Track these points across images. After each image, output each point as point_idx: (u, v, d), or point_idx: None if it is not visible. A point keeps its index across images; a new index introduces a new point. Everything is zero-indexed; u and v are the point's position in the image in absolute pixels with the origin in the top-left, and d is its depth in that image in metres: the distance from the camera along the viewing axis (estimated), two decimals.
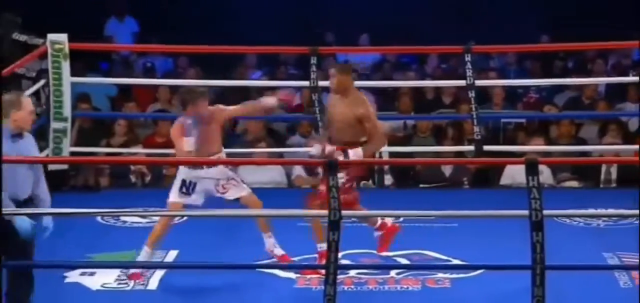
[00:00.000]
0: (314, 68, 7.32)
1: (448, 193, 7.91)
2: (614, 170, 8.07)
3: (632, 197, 5.75)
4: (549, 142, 8.47)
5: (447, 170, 8.23)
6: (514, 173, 7.93)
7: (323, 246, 5.53)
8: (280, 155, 8.42)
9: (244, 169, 8.27)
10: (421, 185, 8.28)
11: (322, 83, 7.92)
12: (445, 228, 6.52)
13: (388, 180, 8.37)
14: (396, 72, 10.33)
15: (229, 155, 7.82)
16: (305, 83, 7.58)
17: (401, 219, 6.56)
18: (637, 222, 6.51)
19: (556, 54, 10.46)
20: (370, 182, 8.26)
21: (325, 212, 4.77)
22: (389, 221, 5.90)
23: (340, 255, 4.93)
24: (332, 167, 4.72)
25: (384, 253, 5.99)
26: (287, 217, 5.90)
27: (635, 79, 9.43)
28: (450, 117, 9.11)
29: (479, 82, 7.65)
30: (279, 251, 5.80)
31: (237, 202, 5.84)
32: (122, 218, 6.88)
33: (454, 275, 5.73)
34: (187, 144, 5.77)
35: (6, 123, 4.79)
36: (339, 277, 4.92)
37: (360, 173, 5.82)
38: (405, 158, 8.01)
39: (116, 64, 10.70)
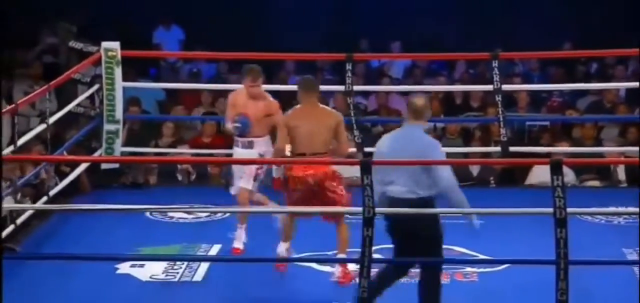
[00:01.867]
0: (349, 73, 7.30)
1: (475, 191, 7.83)
2: (621, 171, 7.99)
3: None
4: (573, 143, 8.39)
5: (474, 169, 8.19)
6: (539, 174, 7.87)
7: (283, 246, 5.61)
8: None
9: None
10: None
11: (357, 87, 7.92)
12: (467, 225, 6.46)
13: None
14: (426, 77, 10.28)
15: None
16: (341, 87, 7.56)
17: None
18: None
19: (578, 59, 10.35)
20: None
21: (356, 208, 4.75)
22: None
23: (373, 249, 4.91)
24: (366, 166, 4.70)
25: None
26: (324, 213, 5.86)
27: None
28: (478, 120, 9.05)
29: (505, 87, 7.58)
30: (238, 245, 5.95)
31: None
32: (169, 214, 6.92)
33: (481, 269, 5.69)
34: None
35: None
36: (372, 270, 4.89)
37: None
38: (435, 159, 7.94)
39: (164, 70, 10.76)
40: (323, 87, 9.35)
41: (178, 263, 5.86)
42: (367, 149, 7.36)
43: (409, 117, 4.90)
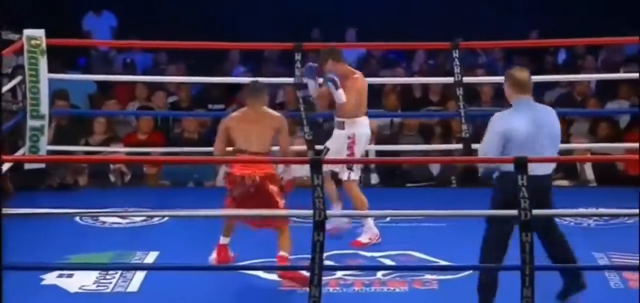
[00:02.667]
0: (298, 65, 7.31)
1: (436, 192, 7.93)
2: (589, 170, 8.13)
3: (615, 196, 5.79)
4: None
5: (434, 168, 8.26)
6: None
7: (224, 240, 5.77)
8: None
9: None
10: (408, 184, 8.30)
11: (306, 80, 7.92)
12: (433, 228, 6.54)
13: (374, 179, 8.39)
14: (383, 68, 10.35)
15: (210, 153, 7.84)
16: (290, 80, 7.57)
17: (387, 219, 6.58)
18: (628, 221, 6.61)
19: (546, 49, 10.49)
20: None
21: (308, 211, 4.77)
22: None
23: (325, 256, 4.93)
24: (316, 165, 4.72)
25: (368, 253, 6.03)
26: (271, 216, 5.88)
27: (626, 75, 9.48)
28: (438, 114, 9.13)
29: (467, 79, 7.66)
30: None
31: None
32: (101, 218, 6.86)
33: (442, 276, 5.74)
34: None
35: None
36: (324, 278, 4.91)
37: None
38: (392, 157, 8.03)
39: (94, 60, 10.67)
40: (270, 79, 9.44)
41: (111, 272, 5.83)
42: (318, 146, 7.39)
43: (519, 92, 5.02)
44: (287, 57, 8.33)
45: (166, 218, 6.74)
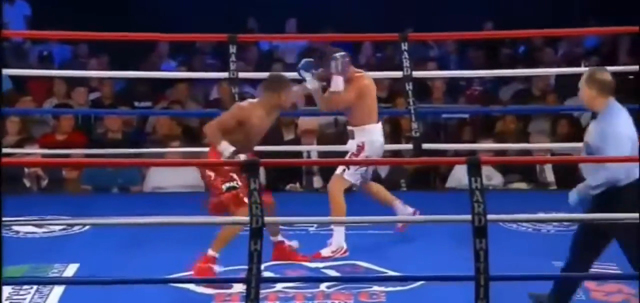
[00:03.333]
0: (233, 58, 7.28)
1: None
2: (549, 172, 8.22)
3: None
4: (496, 139, 8.58)
5: (382, 171, 8.27)
6: (459, 176, 8.01)
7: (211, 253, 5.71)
8: (196, 155, 8.36)
9: (155, 172, 8.22)
10: (355, 188, 8.31)
11: (242, 74, 7.88)
12: (380, 235, 6.55)
13: (317, 182, 8.38)
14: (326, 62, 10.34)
15: (136, 155, 7.79)
16: (224, 74, 7.53)
17: (330, 226, 6.57)
18: None
19: (501, 41, 10.60)
20: (297, 184, 8.26)
21: (245, 218, 4.74)
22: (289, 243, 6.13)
23: (263, 266, 4.91)
24: (252, 167, 4.69)
25: (312, 264, 6.02)
26: (206, 224, 5.84)
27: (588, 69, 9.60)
28: (386, 112, 9.14)
29: (417, 73, 7.69)
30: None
31: None
32: (15, 227, 6.75)
33: (390, 288, 5.74)
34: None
35: None
36: (262, 291, 4.88)
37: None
38: (336, 158, 8.02)
39: (7, 53, 10.50)
40: (203, 74, 9.41)
41: (25, 287, 5.74)
42: (258, 148, 7.37)
43: (607, 95, 5.03)
44: (221, 50, 8.30)
45: (87, 227, 6.66)
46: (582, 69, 9.59)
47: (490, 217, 4.72)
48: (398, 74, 7.52)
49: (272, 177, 8.14)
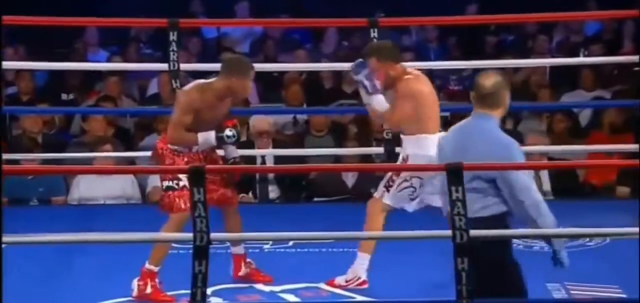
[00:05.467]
0: (173, 46, 7.27)
1: (351, 208, 7.96)
2: (546, 179, 8.28)
3: (573, 210, 5.90)
4: None
5: (349, 179, 8.30)
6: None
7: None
8: (131, 161, 8.34)
9: (83, 180, 8.19)
10: (316, 199, 8.32)
11: (186, 66, 7.88)
12: (347, 253, 6.56)
13: (273, 192, 8.39)
14: (283, 52, 10.37)
15: (60, 161, 7.75)
16: (163, 66, 7.52)
17: (290, 243, 6.58)
18: (589, 243, 6.77)
19: (487, 28, 10.66)
20: (250, 195, 8.26)
21: (188, 235, 4.74)
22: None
23: (209, 291, 4.91)
24: (195, 175, 4.69)
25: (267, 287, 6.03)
26: (143, 241, 5.83)
27: (588, 60, 9.70)
28: (353, 110, 9.18)
29: None
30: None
31: None
32: None
33: None
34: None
35: None
36: None
37: None
38: (295, 165, 8.05)
39: None
40: (139, 66, 9.37)
41: None
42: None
43: (475, 104, 4.87)
44: (160, 37, 8.29)
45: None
46: (581, 60, 9.73)
47: (473, 232, 4.75)
48: None
49: None
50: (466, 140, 4.85)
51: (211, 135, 5.84)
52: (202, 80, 6.02)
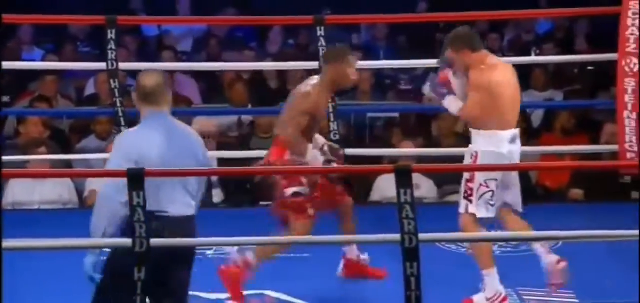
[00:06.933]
0: (112, 45, 7.24)
1: None
2: None
3: (527, 214, 5.94)
4: (431, 142, 8.66)
5: None
6: (385, 186, 8.06)
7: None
8: (68, 164, 8.29)
9: (19, 184, 8.10)
10: (262, 203, 8.31)
11: (124, 65, 7.83)
12: (296, 259, 6.56)
13: (217, 196, 8.37)
14: (227, 50, 10.35)
15: None
16: (102, 65, 7.48)
17: (236, 249, 6.57)
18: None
19: (437, 26, 10.70)
20: None
21: (127, 240, 4.71)
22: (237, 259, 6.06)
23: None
24: (134, 178, 4.66)
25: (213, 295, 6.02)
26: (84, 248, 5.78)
27: (539, 59, 9.76)
28: None
29: None
30: None
31: None
32: None
33: None
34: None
35: None
36: None
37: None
38: (240, 168, 8.03)
39: None
40: (77, 65, 9.30)
41: None
42: None
43: (142, 105, 4.96)
44: (99, 36, 8.24)
45: None
46: (533, 58, 9.79)
47: (422, 236, 4.77)
48: (314, 64, 7.55)
49: None
50: (179, 138, 4.95)
51: (318, 156, 5.91)
52: (314, 79, 6.06)
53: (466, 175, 5.88)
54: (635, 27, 7.32)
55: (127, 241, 4.74)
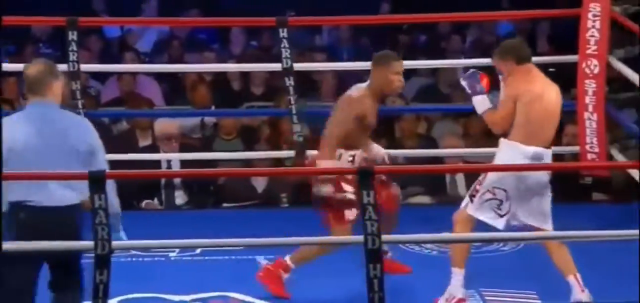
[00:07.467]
0: (73, 46, 7.19)
1: (261, 213, 7.96)
2: (461, 183, 8.35)
3: None
4: (394, 144, 8.67)
5: (259, 183, 8.28)
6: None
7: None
8: None
9: None
10: (225, 204, 8.29)
11: (85, 67, 7.78)
12: (257, 261, 6.55)
13: (180, 198, 8.35)
14: (189, 51, 10.31)
15: None
16: (63, 66, 7.42)
17: (197, 251, 6.56)
18: (504, 248, 6.84)
19: (400, 27, 10.72)
20: (156, 201, 8.20)
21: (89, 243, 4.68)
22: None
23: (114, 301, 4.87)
24: (95, 181, 4.62)
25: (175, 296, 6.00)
26: None
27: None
28: (263, 112, 9.18)
29: (300, 66, 7.73)
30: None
31: None
32: None
33: None
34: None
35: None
36: None
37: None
38: (203, 169, 8.01)
39: None
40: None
41: None
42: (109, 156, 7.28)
43: (29, 95, 5.03)
44: (60, 37, 8.19)
45: None
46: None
47: (385, 237, 4.77)
48: (277, 66, 7.54)
49: (124, 192, 8.04)
50: (56, 129, 4.93)
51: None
52: (362, 85, 6.07)
53: (480, 177, 5.88)
54: (596, 29, 7.37)
55: (89, 244, 4.72)
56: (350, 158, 5.94)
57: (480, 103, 5.93)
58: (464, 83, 6.01)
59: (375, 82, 6.02)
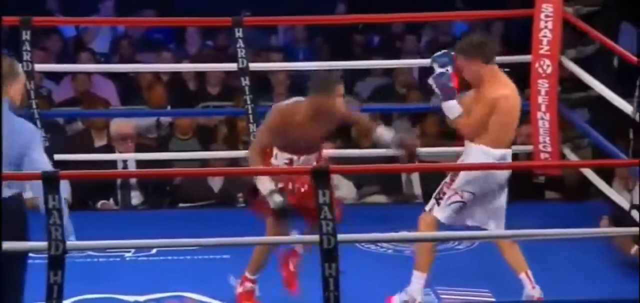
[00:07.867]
0: (27, 46, 7.14)
1: (217, 213, 7.94)
2: (416, 182, 8.38)
3: None
4: (350, 143, 8.68)
5: (216, 183, 8.27)
6: None
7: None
8: None
9: None
10: (181, 204, 8.27)
11: (39, 67, 7.73)
12: (215, 261, 6.55)
13: (136, 198, 8.31)
14: (144, 51, 10.27)
15: None
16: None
17: (153, 251, 6.54)
18: (459, 247, 6.87)
19: (355, 27, 10.72)
20: (111, 201, 8.17)
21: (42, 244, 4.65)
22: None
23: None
24: (49, 180, 4.59)
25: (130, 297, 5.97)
26: None
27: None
28: (219, 112, 9.16)
29: (256, 66, 7.72)
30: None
31: None
32: None
33: None
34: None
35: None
36: None
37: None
38: (159, 169, 7.98)
39: None
40: None
41: None
42: (59, 156, 7.24)
43: None
44: (14, 36, 8.12)
45: None
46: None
47: (341, 236, 4.77)
48: (233, 66, 7.53)
49: (79, 192, 8.01)
50: None
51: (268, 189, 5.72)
52: (299, 99, 5.94)
53: (447, 178, 5.81)
54: (548, 29, 7.42)
55: (42, 245, 4.69)
56: (287, 161, 5.88)
57: (452, 108, 5.78)
58: (433, 84, 5.83)
59: (315, 104, 5.82)
